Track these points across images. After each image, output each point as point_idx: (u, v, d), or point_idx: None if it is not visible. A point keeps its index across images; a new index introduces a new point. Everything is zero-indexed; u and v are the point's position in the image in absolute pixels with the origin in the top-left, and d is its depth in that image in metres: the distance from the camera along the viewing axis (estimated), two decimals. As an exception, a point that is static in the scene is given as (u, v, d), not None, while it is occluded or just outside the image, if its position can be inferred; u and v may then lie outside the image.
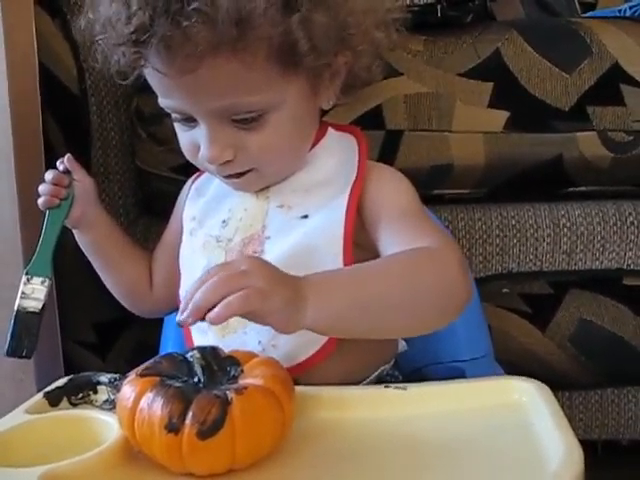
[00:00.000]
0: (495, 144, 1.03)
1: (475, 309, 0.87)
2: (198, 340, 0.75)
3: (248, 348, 0.67)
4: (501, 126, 1.03)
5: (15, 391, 1.07)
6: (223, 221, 0.77)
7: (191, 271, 0.77)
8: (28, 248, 0.97)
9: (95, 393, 0.69)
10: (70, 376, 0.71)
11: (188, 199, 0.83)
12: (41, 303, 0.77)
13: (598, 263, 1.05)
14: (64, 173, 0.82)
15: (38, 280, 0.78)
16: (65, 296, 1.07)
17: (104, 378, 0.69)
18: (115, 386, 0.68)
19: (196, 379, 0.58)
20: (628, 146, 1.04)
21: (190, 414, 0.53)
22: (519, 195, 1.07)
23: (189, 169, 0.81)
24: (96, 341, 1.13)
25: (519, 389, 0.64)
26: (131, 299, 0.89)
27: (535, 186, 1.07)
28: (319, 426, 0.62)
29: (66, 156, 0.83)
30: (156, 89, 0.72)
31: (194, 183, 0.84)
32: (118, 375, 0.69)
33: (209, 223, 0.78)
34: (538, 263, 1.05)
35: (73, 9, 1.05)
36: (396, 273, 0.65)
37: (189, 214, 0.81)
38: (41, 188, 0.81)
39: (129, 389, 0.57)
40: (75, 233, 0.85)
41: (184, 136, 0.74)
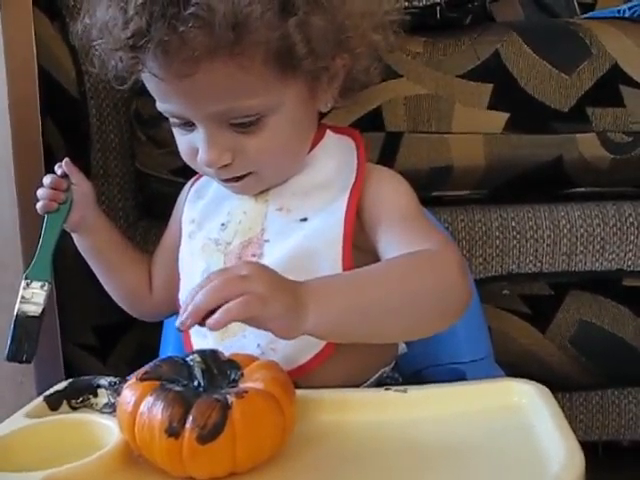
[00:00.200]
0: (495, 145, 1.03)
1: (475, 311, 0.86)
2: (198, 344, 0.75)
3: (247, 351, 0.67)
4: (501, 127, 1.02)
5: (15, 394, 1.07)
6: (222, 224, 0.77)
7: (190, 274, 0.77)
8: (28, 251, 0.97)
9: (95, 397, 0.69)
10: (70, 379, 0.71)
11: (187, 202, 0.83)
12: (41, 307, 0.77)
13: (598, 264, 1.05)
14: (62, 177, 0.82)
15: (38, 284, 0.78)
16: (65, 299, 1.07)
17: (104, 381, 0.69)
18: (115, 389, 0.67)
19: (196, 383, 0.58)
20: (627, 147, 1.04)
21: (190, 418, 0.53)
22: (519, 196, 1.07)
23: (188, 171, 0.80)
24: (96, 344, 1.13)
25: (519, 391, 0.65)
26: (131, 302, 0.89)
27: (535, 187, 1.07)
28: (320, 429, 0.62)
29: (64, 160, 0.83)
30: (154, 94, 0.71)
31: (193, 185, 0.84)
32: (118, 378, 0.69)
33: (208, 226, 0.78)
34: (538, 264, 1.05)
35: (72, 12, 1.05)
36: (396, 277, 0.64)
37: (188, 217, 0.81)
38: (39, 192, 0.81)
39: (129, 393, 0.57)
40: (74, 237, 0.85)
41: (182, 140, 0.74)
